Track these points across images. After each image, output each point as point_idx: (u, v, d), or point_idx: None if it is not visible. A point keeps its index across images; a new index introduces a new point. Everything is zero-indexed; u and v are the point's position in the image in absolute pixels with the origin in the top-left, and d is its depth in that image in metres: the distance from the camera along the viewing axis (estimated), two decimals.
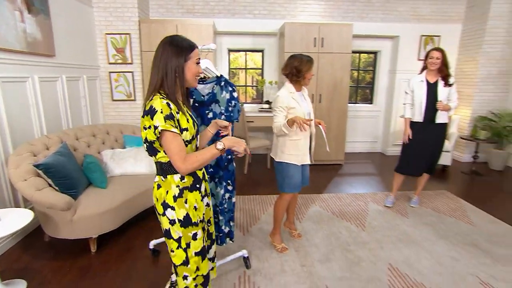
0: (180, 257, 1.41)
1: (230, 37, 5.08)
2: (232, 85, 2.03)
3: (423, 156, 3.23)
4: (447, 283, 2.20)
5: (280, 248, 2.57)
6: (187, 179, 1.40)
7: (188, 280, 1.45)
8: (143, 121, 1.29)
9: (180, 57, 1.30)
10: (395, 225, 3.03)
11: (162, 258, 2.49)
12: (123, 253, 2.55)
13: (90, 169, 2.77)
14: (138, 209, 2.89)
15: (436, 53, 3.03)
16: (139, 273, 2.31)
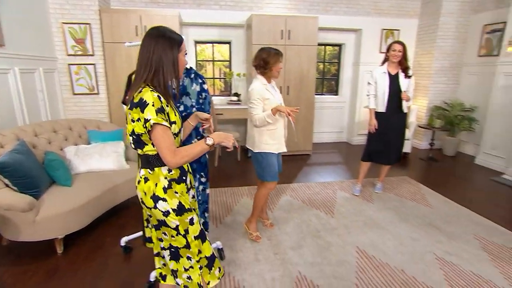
0: (180, 242, 1.42)
1: (197, 28, 4.98)
2: (202, 77, 2.02)
3: (388, 145, 3.41)
4: (408, 261, 2.37)
5: (255, 236, 2.64)
6: (174, 172, 1.40)
7: (192, 261, 1.46)
8: (132, 114, 1.26)
9: (174, 49, 1.30)
10: (361, 211, 3.18)
11: (135, 254, 2.44)
12: (93, 252, 2.47)
13: (53, 166, 2.62)
14: (107, 206, 2.80)
15: (398, 46, 3.18)
16: (111, 271, 2.25)
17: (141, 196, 1.39)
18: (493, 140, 4.46)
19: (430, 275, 2.22)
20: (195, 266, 1.47)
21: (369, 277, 2.19)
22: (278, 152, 2.52)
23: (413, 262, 2.36)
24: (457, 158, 5.07)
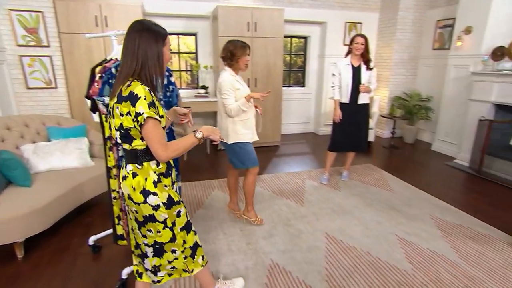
0: (167, 236, 1.44)
1: (161, 19, 4.80)
2: (168, 70, 1.98)
3: (352, 135, 3.55)
4: (373, 243, 2.52)
5: (258, 220, 2.76)
6: (162, 166, 1.41)
7: (177, 253, 1.51)
8: (121, 107, 1.24)
9: (158, 43, 1.30)
10: (329, 198, 3.31)
11: (104, 253, 2.37)
12: (59, 254, 2.36)
13: (9, 166, 2.45)
14: (72, 205, 2.68)
15: (361, 39, 3.30)
16: (80, 272, 2.17)
17: (129, 192, 1.37)
18: (446, 128, 4.80)
19: (393, 254, 2.38)
20: (180, 257, 1.52)
21: (338, 260, 2.30)
22: (252, 141, 2.60)
23: (377, 244, 2.51)
24: (416, 145, 5.41)
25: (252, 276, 2.12)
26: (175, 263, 1.53)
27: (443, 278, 2.13)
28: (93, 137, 3.27)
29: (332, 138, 3.63)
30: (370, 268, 2.22)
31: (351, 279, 2.11)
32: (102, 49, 3.98)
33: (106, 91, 1.68)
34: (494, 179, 3.80)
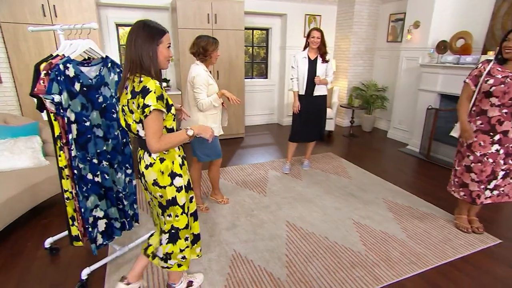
0: (183, 221, 1.57)
1: (117, 10, 4.60)
2: (119, 66, 1.93)
3: (310, 125, 3.66)
4: (331, 229, 2.65)
5: (225, 200, 3.05)
6: (181, 150, 1.56)
7: (188, 240, 1.64)
8: (136, 102, 1.34)
9: (153, 42, 1.37)
10: (291, 188, 3.42)
11: (63, 255, 2.29)
12: (12, 259, 2.25)
13: None
14: (24, 208, 2.54)
15: (317, 33, 3.38)
16: (36, 276, 2.09)
17: (156, 177, 1.46)
18: (399, 116, 5.09)
19: (349, 238, 2.52)
20: (190, 244, 1.66)
21: (298, 247, 2.41)
22: (219, 135, 2.75)
23: (335, 229, 2.65)
24: (373, 133, 5.69)
25: (215, 267, 2.16)
26: (185, 252, 1.64)
27: (392, 257, 2.31)
28: (47, 135, 3.10)
29: (292, 129, 3.73)
30: (327, 252, 2.34)
31: (309, 264, 2.22)
32: (53, 41, 3.75)
33: (55, 89, 1.61)
34: (440, 163, 4.12)
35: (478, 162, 2.37)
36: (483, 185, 2.40)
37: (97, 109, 1.83)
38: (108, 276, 2.08)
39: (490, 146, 2.31)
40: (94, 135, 1.83)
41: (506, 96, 2.18)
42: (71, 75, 1.67)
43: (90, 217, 1.88)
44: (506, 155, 2.31)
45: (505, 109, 2.23)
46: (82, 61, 1.77)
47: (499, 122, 2.25)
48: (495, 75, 2.21)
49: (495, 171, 2.35)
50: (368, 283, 2.05)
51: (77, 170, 1.75)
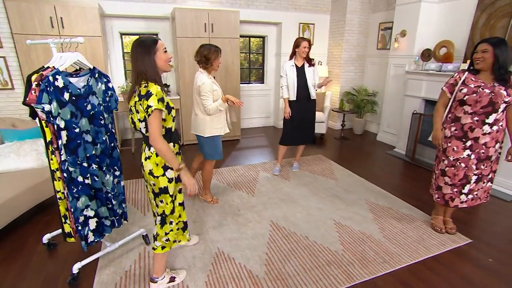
0: (170, 208, 1.77)
1: (122, 20, 4.67)
2: (107, 76, 1.98)
3: (300, 129, 3.68)
4: (312, 229, 2.66)
5: (214, 200, 3.09)
6: (176, 147, 1.76)
7: (173, 224, 1.84)
8: (143, 104, 1.54)
9: (150, 54, 1.57)
10: (279, 189, 3.44)
11: (60, 250, 2.36)
12: (14, 253, 2.32)
13: None
14: (28, 205, 2.61)
15: (306, 44, 3.39)
16: (34, 269, 2.15)
17: (152, 168, 1.66)
18: (388, 120, 5.07)
19: (328, 237, 2.54)
20: (174, 228, 1.85)
21: (278, 245, 2.43)
22: (225, 133, 2.93)
23: (316, 229, 2.66)
24: (364, 136, 5.67)
25: (199, 264, 2.20)
26: (170, 235, 1.83)
27: (367, 256, 2.32)
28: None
29: (283, 133, 3.75)
30: (305, 251, 2.36)
31: (287, 262, 2.24)
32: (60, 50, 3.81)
33: (45, 99, 1.66)
34: (425, 165, 4.10)
35: (452, 166, 2.37)
36: (456, 188, 2.40)
37: (86, 116, 1.88)
38: (99, 270, 2.13)
39: (462, 151, 2.31)
40: (83, 141, 1.88)
41: (478, 105, 2.19)
42: (60, 86, 1.73)
43: (80, 216, 1.93)
44: (477, 160, 2.31)
45: (476, 117, 2.23)
46: (71, 72, 1.82)
47: (471, 129, 2.26)
48: (469, 85, 2.22)
49: (467, 175, 2.35)
50: (341, 281, 2.06)
51: (66, 173, 1.81)
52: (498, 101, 2.13)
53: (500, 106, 2.15)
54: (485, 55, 2.12)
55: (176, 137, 1.78)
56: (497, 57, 2.09)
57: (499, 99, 2.13)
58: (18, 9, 3.61)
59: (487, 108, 2.17)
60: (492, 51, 2.10)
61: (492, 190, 3.38)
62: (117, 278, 2.06)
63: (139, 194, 3.23)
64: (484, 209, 3.07)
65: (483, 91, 2.16)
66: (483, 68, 2.18)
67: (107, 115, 2.01)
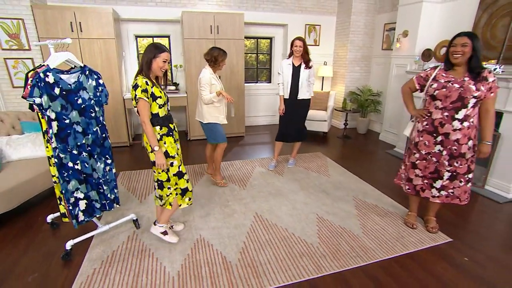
0: (164, 176, 2.12)
1: (136, 24, 4.86)
2: (97, 73, 2.10)
3: (294, 126, 3.67)
4: (293, 222, 2.65)
5: (222, 183, 3.33)
6: (163, 129, 2.04)
7: (170, 189, 2.17)
8: (132, 93, 1.92)
9: (151, 54, 1.93)
10: (270, 183, 3.45)
11: (62, 229, 2.52)
12: (24, 230, 2.51)
13: None
14: (38, 189, 2.80)
15: (299, 42, 3.37)
16: (37, 245, 2.32)
17: (145, 144, 2.06)
18: (390, 120, 4.91)
19: (307, 230, 2.52)
20: (173, 193, 2.18)
21: (257, 235, 2.45)
22: (222, 123, 3.13)
23: (297, 222, 2.65)
24: (367, 135, 5.52)
25: (179, 248, 2.28)
26: (170, 197, 2.19)
27: (341, 250, 2.28)
28: None
29: (278, 129, 3.75)
30: (282, 242, 2.37)
31: (262, 251, 2.26)
32: (78, 52, 4.06)
33: (36, 93, 1.80)
34: None
35: (423, 159, 2.32)
36: (427, 180, 2.34)
37: (76, 109, 2.00)
38: (90, 248, 2.26)
39: (433, 146, 2.25)
40: (74, 131, 2.01)
41: (447, 100, 2.11)
42: (51, 82, 1.86)
43: (71, 197, 2.06)
44: (450, 157, 2.21)
45: (446, 112, 2.14)
46: (63, 70, 1.95)
47: (441, 124, 2.18)
48: (439, 80, 2.15)
49: (439, 170, 2.27)
50: (309, 271, 2.06)
51: (57, 159, 1.94)
52: (467, 96, 2.04)
53: (469, 101, 2.05)
54: (465, 49, 2.02)
55: (165, 121, 2.05)
56: (475, 50, 2.00)
57: (467, 94, 2.04)
58: (44, 16, 3.87)
59: (457, 103, 2.09)
60: (471, 45, 2.00)
61: (486, 191, 3.21)
62: (105, 256, 2.18)
63: (139, 184, 3.37)
64: (473, 211, 2.91)
65: (453, 86, 2.08)
66: (461, 62, 2.07)
67: (98, 108, 2.13)
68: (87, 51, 4.07)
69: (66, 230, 2.52)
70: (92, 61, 4.11)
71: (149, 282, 1.94)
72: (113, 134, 4.47)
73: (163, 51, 1.95)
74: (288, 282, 1.96)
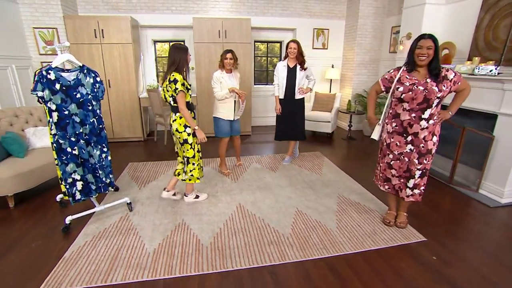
0: (191, 153, 2.62)
1: (154, 30, 5.20)
2: (95, 72, 2.34)
3: (289, 125, 3.72)
4: (272, 213, 2.71)
5: (226, 173, 3.60)
6: (192, 114, 2.56)
7: (194, 165, 2.69)
8: (172, 86, 2.41)
9: (184, 53, 2.47)
10: (262, 178, 3.52)
11: (69, 207, 2.81)
12: (39, 207, 2.84)
13: (8, 142, 2.97)
14: (54, 173, 3.13)
15: (293, 44, 3.44)
16: (47, 220, 2.61)
17: (177, 127, 2.54)
18: None
19: (282, 222, 2.57)
20: (196, 168, 2.71)
21: (234, 223, 2.55)
22: (227, 119, 3.39)
23: (275, 214, 2.71)
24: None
25: (161, 229, 2.45)
26: (193, 172, 2.72)
27: (310, 241, 2.31)
28: None
29: (276, 129, 3.83)
30: (255, 231, 2.44)
31: (234, 237, 2.36)
32: (100, 55, 4.45)
33: (39, 87, 2.07)
34: None
35: (397, 159, 2.32)
36: (403, 179, 2.33)
37: (75, 102, 2.26)
38: (87, 225, 2.52)
39: (405, 146, 2.24)
40: (72, 121, 2.27)
41: (414, 102, 2.10)
42: (52, 78, 2.13)
43: (69, 178, 2.33)
44: (419, 155, 2.22)
45: (413, 113, 2.15)
46: (63, 69, 2.22)
47: (410, 125, 2.18)
48: (404, 83, 2.13)
49: (411, 169, 2.27)
50: (273, 258, 2.12)
51: (56, 144, 2.21)
52: (431, 98, 2.05)
53: (434, 101, 2.07)
54: (429, 52, 2.01)
55: (192, 107, 2.58)
56: (437, 52, 2.01)
57: (432, 96, 2.05)
58: (73, 25, 4.31)
59: (423, 105, 2.10)
60: (434, 47, 1.99)
61: (479, 195, 3.03)
62: (97, 232, 2.41)
63: (143, 173, 3.63)
64: (461, 213, 2.77)
65: (418, 88, 2.07)
66: (425, 64, 2.05)
67: (95, 102, 2.38)
68: (108, 55, 4.45)
69: (72, 209, 2.79)
70: (111, 63, 4.49)
71: (128, 256, 2.13)
72: (129, 130, 4.82)
73: (187, 49, 2.53)
74: (249, 266, 2.04)
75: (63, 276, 1.94)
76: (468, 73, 3.12)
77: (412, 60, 2.08)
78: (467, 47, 3.53)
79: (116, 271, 1.98)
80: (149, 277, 1.93)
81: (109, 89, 4.58)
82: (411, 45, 2.11)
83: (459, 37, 3.62)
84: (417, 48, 2.04)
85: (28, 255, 2.16)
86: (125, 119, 4.76)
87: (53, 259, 2.11)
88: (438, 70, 2.05)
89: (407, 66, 2.15)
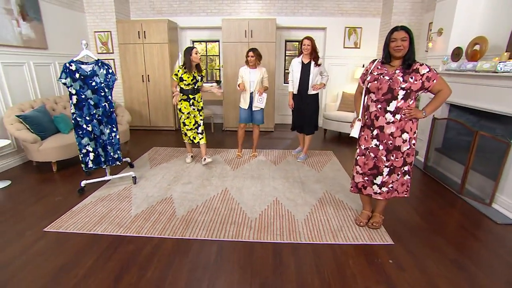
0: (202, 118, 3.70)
1: (192, 31, 5.80)
2: (108, 65, 2.89)
3: (302, 119, 3.84)
4: (250, 200, 2.87)
5: (238, 155, 4.09)
6: (184, 96, 3.49)
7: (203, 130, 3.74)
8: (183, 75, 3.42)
9: (188, 53, 3.34)
10: (259, 169, 3.69)
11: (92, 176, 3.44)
12: (72, 173, 3.56)
13: (57, 121, 3.80)
14: None
15: (307, 41, 3.54)
16: (73, 182, 3.28)
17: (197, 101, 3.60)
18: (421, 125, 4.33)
19: (254, 208, 2.71)
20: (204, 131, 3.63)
21: (211, 203, 2.80)
22: (244, 108, 3.87)
23: (253, 200, 2.86)
24: None
25: (149, 200, 2.86)
26: (204, 133, 3.66)
27: (270, 227, 2.41)
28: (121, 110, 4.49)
29: (292, 121, 4.03)
30: (226, 212, 2.65)
31: (204, 213, 2.62)
32: (142, 53, 5.21)
33: (64, 76, 2.69)
34: (435, 175, 3.44)
35: (362, 155, 2.27)
36: (367, 177, 2.27)
37: (90, 89, 2.84)
38: (98, 190, 3.09)
39: (371, 140, 2.19)
40: (88, 103, 2.85)
41: (380, 92, 2.06)
42: (73, 69, 2.72)
43: (83, 149, 2.92)
44: (387, 152, 2.14)
45: (379, 104, 2.09)
46: (83, 61, 2.81)
47: (376, 117, 2.12)
48: (373, 73, 2.10)
49: (378, 166, 2.19)
50: (227, 235, 2.31)
51: (74, 121, 2.81)
52: (395, 88, 1.99)
53: (399, 93, 1.99)
54: (404, 43, 1.96)
55: (186, 92, 3.45)
56: (412, 44, 1.96)
57: (395, 86, 1.98)
58: (123, 28, 5.15)
59: (387, 95, 2.03)
60: (409, 38, 1.95)
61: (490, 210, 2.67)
62: (102, 196, 2.96)
63: (160, 157, 4.15)
64: (455, 225, 2.51)
65: (383, 78, 2.03)
66: (401, 56, 1.99)
67: (107, 90, 2.93)
68: (148, 53, 5.18)
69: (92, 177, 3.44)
70: (150, 60, 5.21)
71: (114, 216, 2.59)
72: (163, 120, 5.51)
73: (192, 48, 3.36)
74: (202, 238, 2.28)
75: (64, 222, 2.49)
76: (492, 71, 2.77)
77: (388, 53, 2.05)
78: (504, 41, 3.09)
79: (101, 225, 2.45)
80: (122, 233, 2.34)
81: (148, 83, 5.32)
82: (385, 39, 2.07)
83: (495, 31, 3.19)
84: (391, 41, 2.00)
85: (50, 205, 2.80)
86: (160, 109, 5.46)
87: (63, 210, 2.70)
88: (411, 61, 1.99)
89: (383, 59, 2.11)
